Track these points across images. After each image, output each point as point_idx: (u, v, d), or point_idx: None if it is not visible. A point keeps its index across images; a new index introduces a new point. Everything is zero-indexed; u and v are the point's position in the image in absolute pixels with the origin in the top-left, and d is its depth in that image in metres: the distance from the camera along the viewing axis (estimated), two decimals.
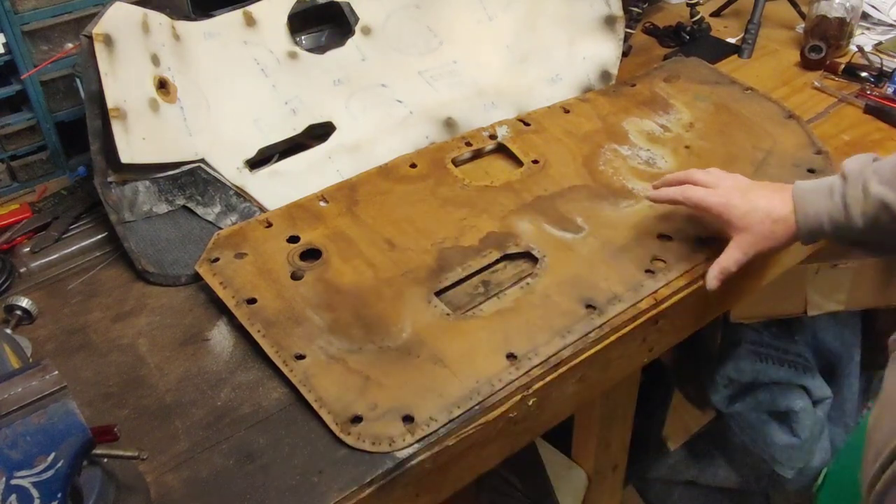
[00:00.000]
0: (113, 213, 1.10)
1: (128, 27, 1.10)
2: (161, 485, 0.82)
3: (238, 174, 1.18)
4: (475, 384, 0.90)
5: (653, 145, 1.29)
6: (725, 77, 1.46)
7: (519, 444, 0.96)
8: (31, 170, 1.27)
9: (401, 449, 0.84)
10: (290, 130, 1.26)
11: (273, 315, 0.99)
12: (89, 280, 1.10)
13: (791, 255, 1.21)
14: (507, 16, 1.42)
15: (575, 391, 0.98)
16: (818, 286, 1.77)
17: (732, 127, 1.33)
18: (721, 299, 1.12)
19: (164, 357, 0.97)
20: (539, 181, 1.21)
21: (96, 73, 1.06)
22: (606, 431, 1.43)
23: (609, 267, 1.06)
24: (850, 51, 1.56)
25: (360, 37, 1.34)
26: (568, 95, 1.40)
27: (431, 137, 1.31)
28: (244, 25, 1.25)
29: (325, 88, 1.30)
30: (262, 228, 1.12)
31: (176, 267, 1.09)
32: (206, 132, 1.18)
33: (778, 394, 1.81)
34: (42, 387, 0.65)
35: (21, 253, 1.12)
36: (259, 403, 0.91)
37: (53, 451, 0.65)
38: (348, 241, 1.10)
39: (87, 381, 0.94)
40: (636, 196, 1.18)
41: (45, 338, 1.01)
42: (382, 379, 0.91)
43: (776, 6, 1.71)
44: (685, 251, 1.08)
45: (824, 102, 1.42)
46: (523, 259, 1.09)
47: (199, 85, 1.20)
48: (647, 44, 1.65)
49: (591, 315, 0.99)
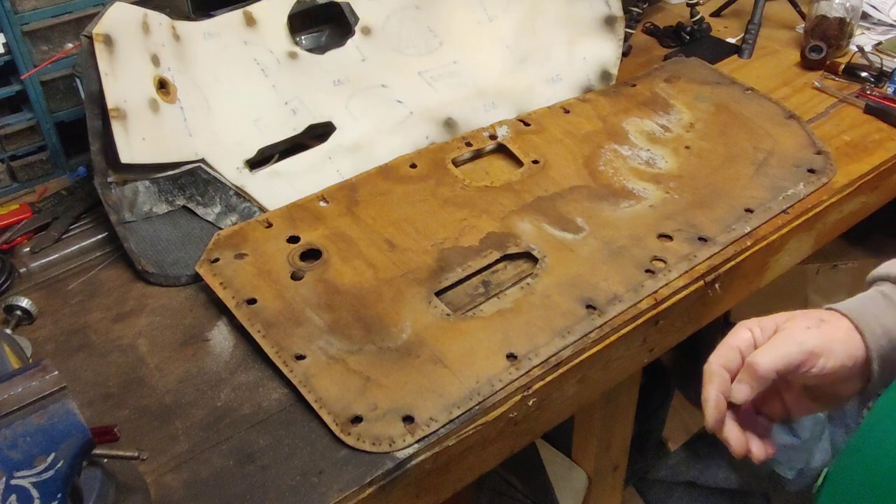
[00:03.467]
0: (113, 213, 1.10)
1: (128, 27, 1.10)
2: (161, 485, 0.82)
3: (238, 174, 1.18)
4: (475, 384, 0.90)
5: (653, 145, 1.29)
6: (726, 77, 1.46)
7: (519, 445, 0.96)
8: (31, 170, 1.27)
9: (401, 449, 0.84)
10: (290, 130, 1.26)
11: (273, 315, 0.98)
12: (89, 280, 1.10)
13: (791, 255, 1.21)
14: (507, 16, 1.42)
15: (575, 391, 0.98)
16: (818, 286, 1.78)
17: (733, 127, 1.33)
18: (721, 300, 1.12)
19: (164, 357, 0.97)
20: (539, 181, 1.21)
21: (96, 73, 1.06)
22: (607, 432, 1.43)
23: (609, 267, 1.06)
24: (850, 51, 1.56)
25: (360, 37, 1.34)
26: (568, 96, 1.40)
27: (431, 137, 1.31)
28: (244, 25, 1.25)
29: (325, 88, 1.30)
30: (263, 229, 1.12)
31: (176, 267, 1.08)
32: (206, 132, 1.18)
33: None
34: (42, 387, 0.65)
35: (21, 253, 1.12)
36: (259, 404, 0.91)
37: (53, 452, 0.65)
38: (348, 241, 1.10)
39: (87, 382, 0.94)
40: (636, 196, 1.18)
41: (45, 338, 1.00)
42: (382, 379, 0.91)
43: (776, 6, 1.71)
44: (685, 251, 1.08)
45: (824, 103, 1.42)
46: (523, 259, 1.09)
47: (199, 85, 1.20)
48: (648, 44, 1.65)
49: (591, 315, 0.99)
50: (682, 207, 1.16)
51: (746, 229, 1.12)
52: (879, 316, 0.76)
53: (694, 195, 1.18)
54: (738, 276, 1.12)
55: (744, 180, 1.21)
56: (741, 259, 1.10)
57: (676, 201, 1.17)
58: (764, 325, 0.77)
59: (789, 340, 0.73)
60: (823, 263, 1.74)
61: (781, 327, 0.76)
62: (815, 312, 0.78)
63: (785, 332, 0.75)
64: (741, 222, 1.13)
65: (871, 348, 0.74)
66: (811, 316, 0.77)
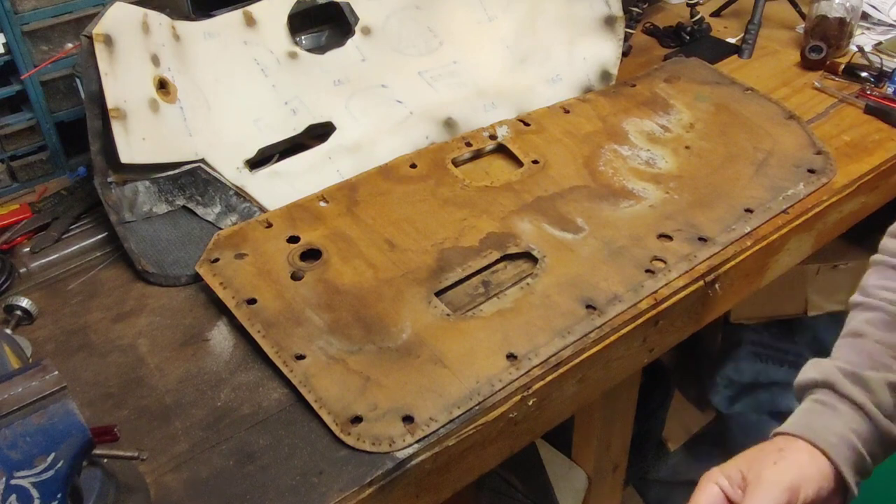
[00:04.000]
0: (113, 213, 1.10)
1: (128, 27, 1.10)
2: (161, 485, 0.82)
3: (238, 174, 1.18)
4: (475, 384, 0.90)
5: (653, 146, 1.29)
6: (726, 77, 1.46)
7: (519, 445, 0.96)
8: (31, 170, 1.27)
9: (401, 449, 0.84)
10: (290, 130, 1.26)
11: (273, 315, 0.98)
12: (89, 280, 1.10)
13: (791, 255, 1.21)
14: (507, 16, 1.42)
15: (575, 391, 0.98)
16: (818, 287, 1.78)
17: (733, 127, 1.32)
18: (721, 300, 1.12)
19: (164, 357, 0.97)
20: (539, 181, 1.21)
21: (96, 73, 1.06)
22: (607, 432, 1.43)
23: (609, 267, 1.06)
24: (850, 51, 1.56)
25: (360, 37, 1.34)
26: (568, 96, 1.40)
27: (431, 137, 1.31)
28: (244, 25, 1.25)
29: (325, 88, 1.30)
30: (262, 229, 1.12)
31: (176, 267, 1.08)
32: (206, 132, 1.18)
33: (778, 394, 1.82)
34: (42, 387, 0.65)
35: (21, 253, 1.12)
36: (259, 404, 0.91)
37: (53, 452, 0.65)
38: (348, 241, 1.10)
39: (87, 382, 0.94)
40: (636, 196, 1.18)
41: (45, 338, 1.00)
42: (382, 379, 0.91)
43: (776, 6, 1.71)
44: (685, 251, 1.08)
45: (824, 103, 1.42)
46: (523, 259, 1.09)
47: (199, 85, 1.20)
48: (648, 44, 1.65)
49: (591, 315, 0.99)
50: (682, 207, 1.16)
51: (746, 229, 1.12)
52: (830, 426, 0.75)
53: (694, 195, 1.18)
54: (738, 276, 1.12)
55: (744, 180, 1.21)
56: (741, 259, 1.10)
57: (676, 201, 1.17)
58: (728, 474, 0.74)
59: (769, 486, 0.72)
60: (823, 263, 1.74)
61: (748, 472, 0.74)
62: (771, 445, 0.76)
63: (758, 480, 0.72)
64: (741, 222, 1.13)
65: (837, 462, 0.74)
66: (770, 450, 0.75)
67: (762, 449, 0.76)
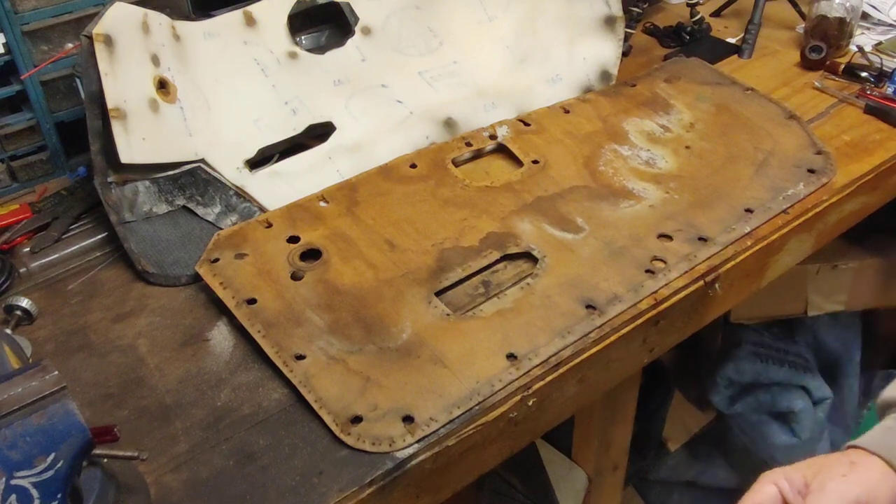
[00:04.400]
0: (113, 213, 1.10)
1: (128, 27, 1.10)
2: (161, 485, 0.82)
3: (238, 174, 1.18)
4: (475, 384, 0.90)
5: (653, 146, 1.29)
6: (726, 77, 1.46)
7: (519, 445, 0.96)
8: (31, 170, 1.27)
9: (401, 449, 0.84)
10: (290, 130, 1.26)
11: (273, 315, 0.98)
12: (89, 280, 1.09)
13: (791, 255, 1.21)
14: (507, 16, 1.42)
15: (575, 391, 0.98)
16: (818, 287, 1.77)
17: (733, 127, 1.32)
18: (721, 300, 1.12)
19: (164, 358, 0.97)
20: (539, 181, 1.21)
21: (96, 73, 1.06)
22: (607, 432, 1.43)
23: (609, 267, 1.06)
24: (850, 51, 1.56)
25: (360, 37, 1.34)
26: (568, 96, 1.40)
27: (431, 137, 1.31)
28: (244, 25, 1.25)
29: (325, 88, 1.30)
30: (263, 229, 1.12)
31: (176, 267, 1.08)
32: (206, 132, 1.18)
33: (778, 394, 1.81)
34: (42, 387, 0.65)
35: (21, 253, 1.12)
36: (259, 404, 0.91)
37: (53, 452, 0.65)
38: (348, 241, 1.10)
39: (86, 382, 0.94)
40: (636, 196, 1.18)
41: (45, 338, 1.00)
42: (382, 379, 0.91)
43: (776, 6, 1.71)
44: (685, 251, 1.08)
45: (825, 103, 1.42)
46: (523, 259, 1.09)
47: (199, 85, 1.20)
48: (648, 44, 1.65)
49: (591, 315, 0.99)
50: (682, 207, 1.16)
51: (746, 229, 1.12)
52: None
53: (694, 195, 1.18)
54: (738, 277, 1.12)
55: (744, 180, 1.21)
56: (741, 259, 1.10)
57: (676, 201, 1.17)
58: (791, 478, 0.71)
59: (833, 497, 0.68)
60: (823, 263, 1.74)
61: (812, 479, 0.71)
62: (842, 457, 0.73)
63: (822, 489, 0.69)
64: (741, 222, 1.13)
65: None
66: (841, 462, 0.72)
67: (832, 459, 0.73)
